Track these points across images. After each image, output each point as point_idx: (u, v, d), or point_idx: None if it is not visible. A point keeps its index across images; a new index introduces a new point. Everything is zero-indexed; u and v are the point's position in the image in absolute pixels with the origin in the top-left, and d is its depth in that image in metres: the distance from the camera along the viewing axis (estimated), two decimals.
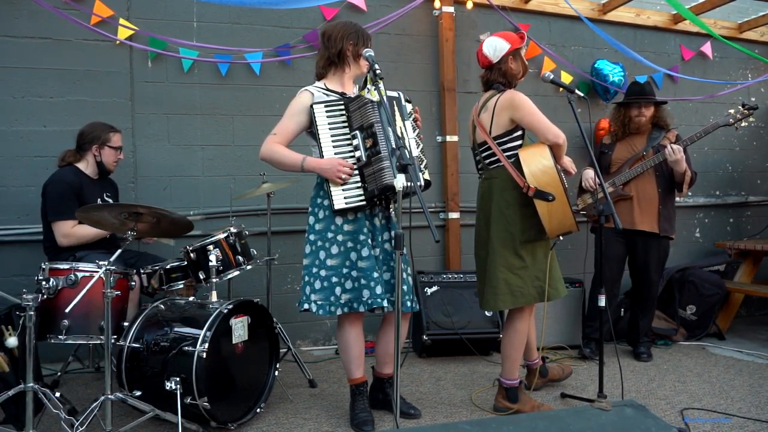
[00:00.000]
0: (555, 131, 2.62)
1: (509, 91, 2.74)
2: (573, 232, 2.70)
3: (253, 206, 3.92)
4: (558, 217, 2.60)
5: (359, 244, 2.60)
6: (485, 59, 2.81)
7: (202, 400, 2.46)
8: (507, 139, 2.74)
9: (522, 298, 2.72)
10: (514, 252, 2.71)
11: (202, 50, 3.82)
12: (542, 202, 2.58)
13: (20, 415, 2.35)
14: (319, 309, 2.60)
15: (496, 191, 2.76)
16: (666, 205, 3.72)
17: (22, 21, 3.57)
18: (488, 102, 2.80)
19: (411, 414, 2.83)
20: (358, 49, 2.65)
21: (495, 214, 2.75)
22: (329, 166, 2.55)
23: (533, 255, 2.73)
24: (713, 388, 3.22)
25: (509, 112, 2.69)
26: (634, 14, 4.81)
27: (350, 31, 2.65)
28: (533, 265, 2.73)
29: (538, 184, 2.59)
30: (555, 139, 2.61)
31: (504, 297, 2.71)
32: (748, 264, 4.57)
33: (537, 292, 2.73)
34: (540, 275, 2.73)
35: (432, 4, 4.28)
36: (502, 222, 2.73)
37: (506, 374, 2.85)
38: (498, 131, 2.74)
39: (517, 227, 2.70)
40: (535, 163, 2.61)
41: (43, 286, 2.53)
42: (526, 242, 2.71)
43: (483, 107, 2.83)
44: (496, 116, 2.73)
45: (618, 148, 3.84)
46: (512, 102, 2.69)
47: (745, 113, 3.69)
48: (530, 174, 2.60)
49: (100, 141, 3.24)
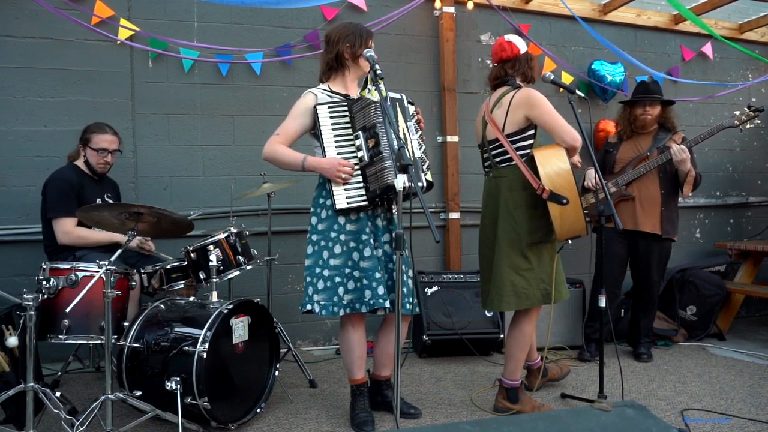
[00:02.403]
0: (574, 134, 2.56)
1: (526, 89, 2.70)
2: (582, 236, 2.67)
3: (254, 206, 3.92)
4: (570, 221, 2.56)
5: (361, 243, 2.60)
6: (512, 49, 2.78)
7: (203, 400, 2.45)
8: (520, 137, 2.70)
9: (526, 300, 2.69)
10: (521, 253, 2.68)
11: (202, 50, 3.82)
12: (555, 205, 2.54)
13: (20, 414, 2.35)
14: (322, 309, 2.59)
15: (504, 190, 2.72)
16: (668, 207, 3.71)
17: (23, 21, 3.57)
18: (503, 98, 2.74)
19: (411, 414, 2.83)
20: (356, 50, 2.64)
21: (502, 213, 2.71)
22: (329, 165, 2.55)
23: (539, 257, 2.70)
24: (713, 389, 3.22)
25: (525, 109, 2.65)
26: (635, 15, 4.82)
27: (347, 33, 2.65)
28: (539, 267, 2.70)
29: (553, 186, 2.54)
30: (573, 142, 2.56)
31: (509, 298, 2.69)
32: (748, 265, 4.57)
33: (542, 294, 2.70)
34: (545, 277, 2.70)
35: (432, 4, 4.28)
36: (509, 222, 2.69)
37: (508, 374, 2.84)
38: (511, 129, 2.69)
39: (525, 228, 2.67)
40: (551, 166, 2.56)
41: (44, 286, 2.52)
42: (532, 244, 2.68)
43: (497, 103, 2.77)
44: (511, 113, 2.68)
45: (623, 148, 3.83)
46: (529, 99, 2.64)
47: (750, 115, 3.67)
48: (546, 176, 2.55)
49: (83, 141, 3.24)
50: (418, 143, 2.69)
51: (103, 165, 3.25)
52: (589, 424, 1.68)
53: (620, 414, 1.73)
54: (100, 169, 3.26)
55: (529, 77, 2.81)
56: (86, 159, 3.24)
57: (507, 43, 2.80)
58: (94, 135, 3.21)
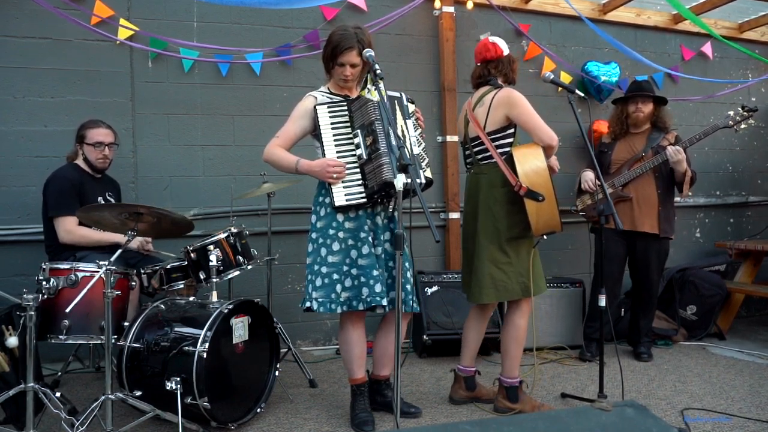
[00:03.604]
0: (550, 133, 2.64)
1: (506, 89, 2.78)
2: (556, 232, 2.76)
3: (254, 206, 3.92)
4: (545, 217, 2.65)
5: (360, 241, 2.61)
6: (496, 50, 2.84)
7: (203, 400, 2.46)
8: (500, 135, 2.78)
9: (505, 293, 2.77)
10: (500, 247, 2.76)
11: (202, 50, 3.82)
12: (532, 202, 2.63)
13: (20, 414, 2.35)
14: (320, 306, 2.60)
15: (484, 187, 2.80)
16: (665, 206, 3.72)
17: (23, 21, 3.57)
18: (484, 97, 2.83)
19: (411, 413, 2.83)
20: (327, 62, 2.67)
21: (482, 209, 2.80)
22: (320, 167, 2.57)
23: (517, 251, 2.77)
24: (713, 388, 3.22)
25: (506, 108, 2.73)
26: (635, 14, 4.82)
27: (328, 42, 2.65)
28: (517, 262, 2.77)
29: (530, 183, 2.63)
30: (550, 141, 2.64)
31: (488, 291, 2.77)
32: (748, 264, 4.57)
33: (521, 287, 2.76)
34: (523, 271, 2.77)
35: (432, 4, 4.28)
36: (489, 217, 2.78)
37: (507, 372, 2.85)
38: (492, 127, 2.78)
39: (504, 224, 2.75)
40: (529, 164, 2.65)
41: (44, 286, 2.52)
42: (511, 239, 2.76)
43: (479, 102, 2.85)
44: (492, 112, 2.76)
45: (617, 148, 3.84)
46: (509, 99, 2.72)
47: (744, 115, 3.68)
48: (523, 173, 2.64)
49: (79, 138, 3.24)
50: (417, 141, 2.70)
51: (102, 159, 3.24)
52: (589, 424, 1.68)
53: (620, 414, 1.73)
54: (100, 164, 3.25)
55: (510, 78, 2.89)
56: (85, 156, 3.24)
57: (491, 44, 2.87)
58: (88, 130, 3.22)
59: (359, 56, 2.58)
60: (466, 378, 3.00)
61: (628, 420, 1.71)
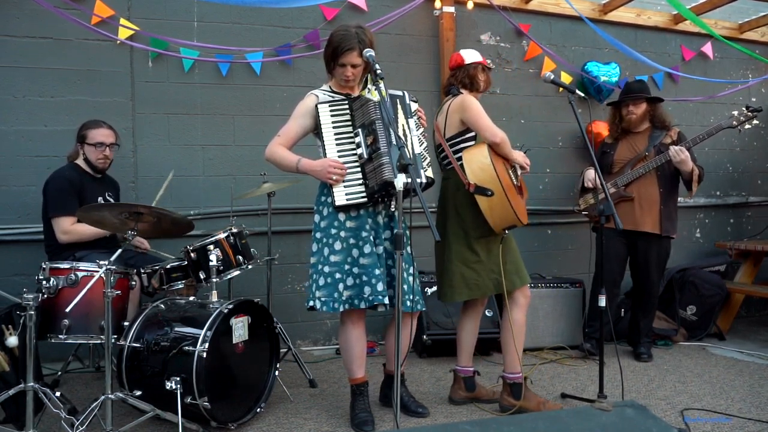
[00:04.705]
0: (493, 130, 2.74)
1: (463, 95, 2.89)
2: (518, 226, 2.81)
3: (254, 206, 3.92)
4: (498, 212, 2.72)
5: (361, 240, 2.61)
6: (459, 58, 2.97)
7: (203, 399, 2.46)
8: (459, 140, 2.87)
9: (478, 290, 2.85)
10: (468, 247, 2.84)
11: (202, 50, 3.82)
12: (483, 198, 2.71)
13: (20, 414, 2.35)
14: (323, 305, 2.61)
15: (451, 190, 2.90)
16: (667, 205, 3.72)
17: (23, 21, 3.57)
18: (443, 105, 2.98)
19: (420, 413, 2.84)
20: (329, 63, 2.68)
21: (450, 211, 2.90)
22: (320, 167, 2.58)
23: (488, 249, 2.84)
24: (713, 389, 3.22)
25: (459, 113, 2.85)
26: (635, 14, 4.81)
27: (330, 42, 2.65)
28: (488, 259, 2.84)
29: (477, 180, 2.71)
30: (492, 137, 2.74)
31: (460, 290, 2.85)
32: (748, 264, 4.57)
33: (493, 284, 2.84)
34: (495, 268, 2.84)
35: (432, 4, 4.28)
36: (456, 219, 2.87)
37: (509, 368, 2.87)
38: (450, 132, 2.90)
39: (470, 224, 2.83)
40: (475, 162, 2.75)
41: (44, 286, 2.53)
42: (479, 238, 2.83)
43: (440, 110, 3.01)
44: (449, 118, 2.90)
45: (620, 148, 3.84)
46: (462, 104, 2.84)
47: (748, 115, 3.67)
48: (471, 172, 2.74)
49: (80, 138, 3.23)
50: (419, 140, 2.70)
51: (103, 160, 3.24)
52: (589, 424, 1.68)
53: (620, 414, 1.73)
54: (101, 164, 3.24)
55: (468, 85, 2.96)
56: (85, 157, 3.24)
57: (455, 55, 3.01)
58: (89, 131, 3.21)
59: (360, 57, 2.58)
60: (466, 378, 3.02)
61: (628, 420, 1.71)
